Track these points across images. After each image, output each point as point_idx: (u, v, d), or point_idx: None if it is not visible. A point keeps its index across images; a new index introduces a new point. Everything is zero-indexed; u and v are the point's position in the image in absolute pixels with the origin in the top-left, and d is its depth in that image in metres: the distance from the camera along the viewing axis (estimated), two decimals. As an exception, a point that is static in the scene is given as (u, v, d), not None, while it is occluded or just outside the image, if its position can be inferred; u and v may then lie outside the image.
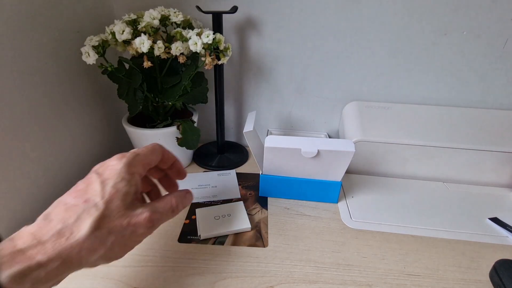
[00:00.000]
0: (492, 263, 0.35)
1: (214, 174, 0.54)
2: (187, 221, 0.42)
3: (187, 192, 0.31)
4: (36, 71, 0.39)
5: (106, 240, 0.22)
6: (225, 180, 0.52)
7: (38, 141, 0.40)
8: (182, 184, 0.47)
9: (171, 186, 0.35)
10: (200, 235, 0.39)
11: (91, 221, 0.21)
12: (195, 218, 0.43)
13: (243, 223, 0.41)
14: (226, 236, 0.40)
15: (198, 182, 0.51)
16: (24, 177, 0.38)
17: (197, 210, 0.43)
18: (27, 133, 0.38)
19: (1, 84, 0.34)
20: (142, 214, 0.24)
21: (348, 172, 0.53)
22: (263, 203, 0.47)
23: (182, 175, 0.35)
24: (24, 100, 0.37)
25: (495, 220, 0.44)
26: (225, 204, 0.45)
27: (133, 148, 0.53)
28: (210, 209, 0.44)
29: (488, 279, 0.35)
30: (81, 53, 0.41)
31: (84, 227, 0.21)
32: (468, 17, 0.49)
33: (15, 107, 0.36)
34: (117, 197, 0.23)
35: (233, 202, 0.46)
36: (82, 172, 0.50)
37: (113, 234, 0.22)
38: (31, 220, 0.23)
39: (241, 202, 0.45)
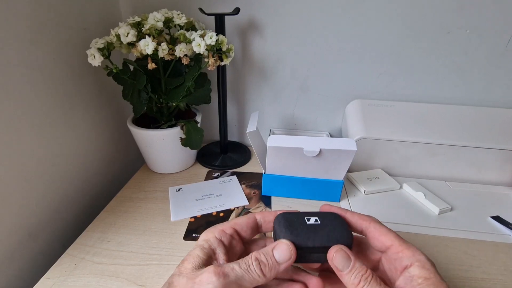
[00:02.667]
0: (495, 261, 0.35)
1: (215, 182, 0.53)
2: (192, 219, 0.43)
3: (280, 243, 0.25)
4: (43, 72, 0.39)
5: None
6: (228, 187, 0.51)
7: (44, 140, 0.41)
8: (185, 196, 0.48)
9: None
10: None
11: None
12: (200, 217, 0.44)
13: None
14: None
15: (202, 193, 0.50)
16: (31, 175, 0.39)
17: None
18: (34, 132, 0.39)
19: (9, 83, 0.35)
20: (207, 270, 0.24)
21: (350, 170, 0.53)
22: (267, 202, 0.48)
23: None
24: (31, 100, 0.38)
25: (497, 218, 0.44)
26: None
27: (137, 148, 0.54)
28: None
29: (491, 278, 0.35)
30: (86, 54, 0.42)
31: None
32: (471, 16, 0.49)
33: (23, 107, 0.37)
34: (188, 260, 0.25)
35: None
36: (87, 171, 0.52)
37: None
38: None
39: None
